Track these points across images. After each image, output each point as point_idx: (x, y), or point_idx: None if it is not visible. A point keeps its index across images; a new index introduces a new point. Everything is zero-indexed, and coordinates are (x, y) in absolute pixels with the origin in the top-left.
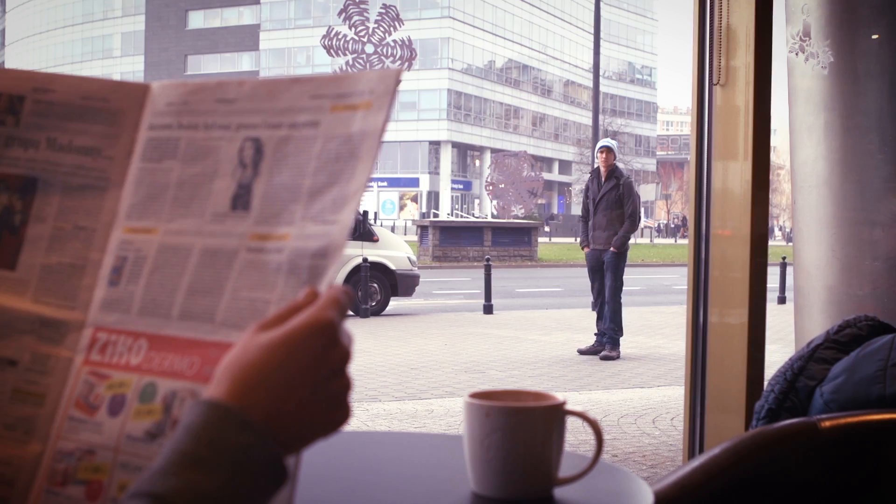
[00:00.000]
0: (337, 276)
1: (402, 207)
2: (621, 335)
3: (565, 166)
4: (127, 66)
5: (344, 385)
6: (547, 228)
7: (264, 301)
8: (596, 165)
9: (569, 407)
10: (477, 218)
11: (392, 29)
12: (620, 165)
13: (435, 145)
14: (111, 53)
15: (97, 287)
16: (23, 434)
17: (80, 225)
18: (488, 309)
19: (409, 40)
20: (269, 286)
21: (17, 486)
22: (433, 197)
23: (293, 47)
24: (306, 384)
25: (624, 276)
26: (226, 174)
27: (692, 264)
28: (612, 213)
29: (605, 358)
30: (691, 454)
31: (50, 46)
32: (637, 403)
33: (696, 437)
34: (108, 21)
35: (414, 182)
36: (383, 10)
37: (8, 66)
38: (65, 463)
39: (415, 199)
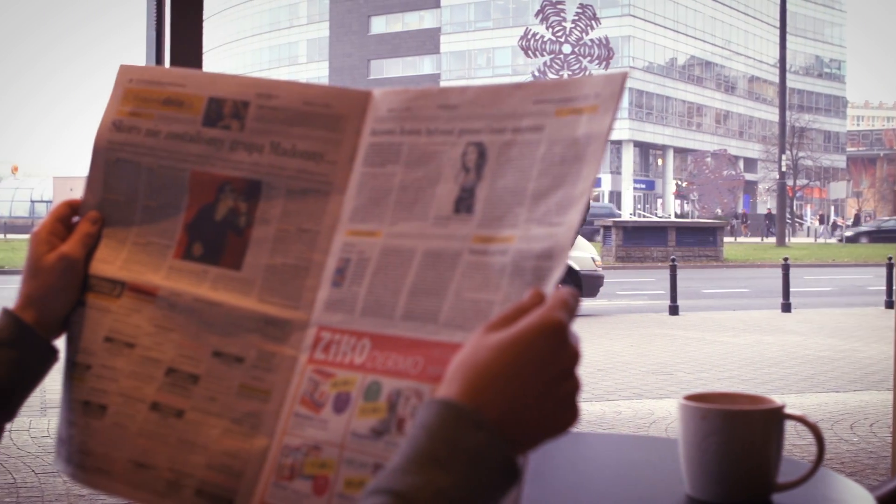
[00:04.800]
0: (561, 277)
1: None
2: None
3: (750, 164)
4: (312, 72)
5: (573, 386)
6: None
7: (488, 302)
8: None
9: (788, 410)
10: (660, 218)
11: (589, 28)
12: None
13: (616, 145)
14: (297, 60)
15: (320, 288)
16: (250, 429)
17: (304, 227)
18: (674, 310)
19: (607, 39)
20: (493, 287)
21: (245, 479)
22: (615, 197)
23: (473, 49)
24: (537, 385)
25: (807, 277)
26: (449, 178)
27: None
28: None
29: None
30: None
31: (239, 55)
32: (832, 408)
33: None
34: (293, 29)
35: (596, 182)
36: (580, 10)
37: None
38: (292, 458)
39: (597, 199)
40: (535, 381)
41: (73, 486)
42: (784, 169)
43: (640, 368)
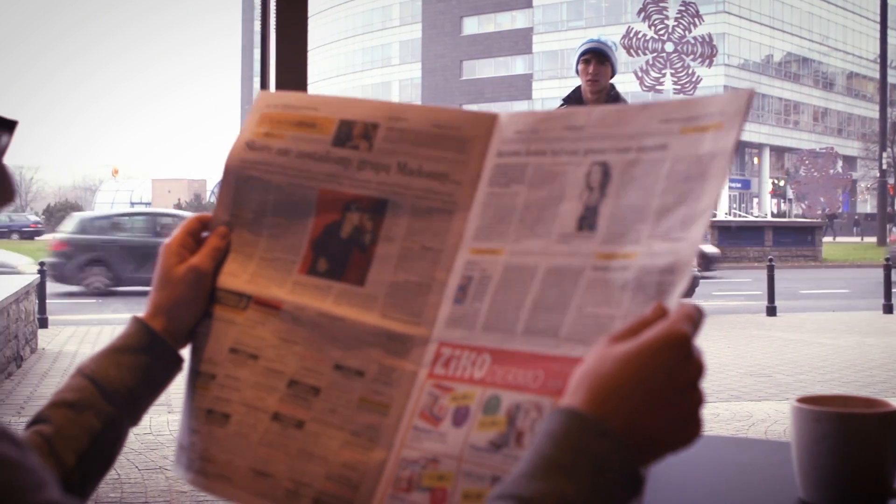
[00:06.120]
0: (685, 291)
1: None
2: None
3: (849, 162)
4: (405, 74)
5: (696, 399)
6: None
7: (609, 317)
8: (577, 86)
9: None
10: (756, 217)
11: (692, 26)
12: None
13: None
14: (390, 62)
15: (442, 304)
16: (368, 441)
17: (428, 245)
18: (771, 311)
19: (710, 37)
20: (614, 303)
21: (362, 490)
22: None
23: (566, 49)
24: (661, 396)
25: None
26: (572, 197)
27: None
28: None
29: None
30: None
31: (332, 57)
32: None
33: None
34: (386, 31)
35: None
36: (682, 8)
37: None
38: (409, 470)
39: None
40: (660, 392)
41: (175, 482)
42: (885, 167)
43: (738, 370)
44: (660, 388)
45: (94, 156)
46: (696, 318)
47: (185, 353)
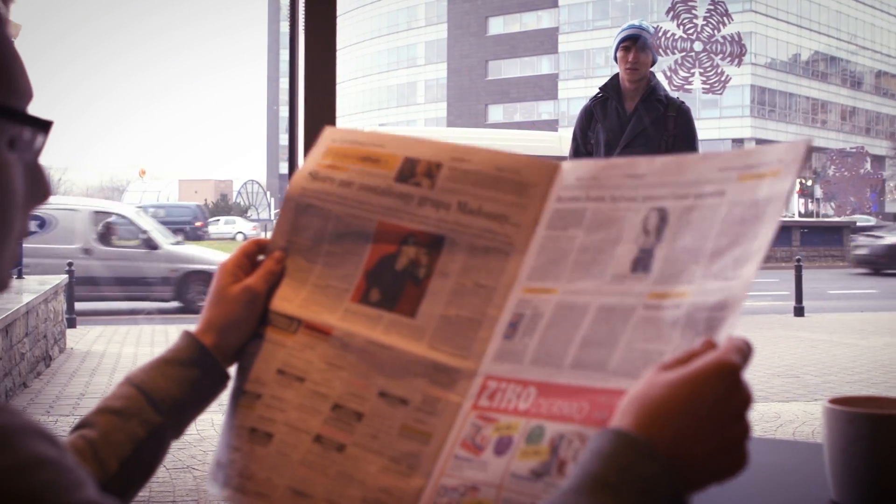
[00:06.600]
0: (736, 327)
1: None
2: None
3: (878, 162)
4: (430, 74)
5: (743, 429)
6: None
7: (658, 352)
8: (614, 74)
9: None
10: (784, 217)
11: (721, 25)
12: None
13: (738, 143)
14: (415, 62)
15: (492, 340)
16: (407, 468)
17: (481, 283)
18: (799, 311)
19: (739, 36)
20: (664, 339)
21: None
22: None
23: (592, 49)
24: (708, 424)
25: None
26: (629, 240)
27: None
28: None
29: None
30: None
31: (358, 58)
32: None
33: None
34: (411, 31)
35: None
36: (711, 6)
37: None
38: (447, 497)
39: None
40: (707, 419)
41: (203, 482)
42: None
43: (766, 371)
44: (707, 415)
45: (111, 144)
46: (745, 351)
47: (232, 371)
